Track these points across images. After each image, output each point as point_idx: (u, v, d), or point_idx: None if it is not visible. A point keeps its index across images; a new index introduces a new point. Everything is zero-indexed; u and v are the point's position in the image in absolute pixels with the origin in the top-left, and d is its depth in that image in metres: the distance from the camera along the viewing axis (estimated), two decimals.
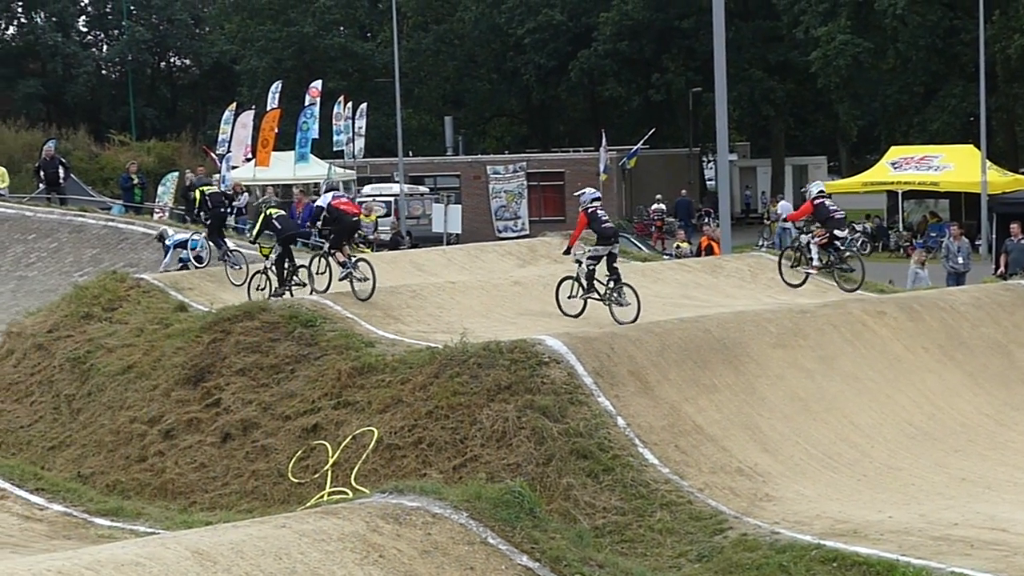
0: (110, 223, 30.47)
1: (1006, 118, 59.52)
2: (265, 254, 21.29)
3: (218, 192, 24.61)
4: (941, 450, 14.96)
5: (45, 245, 30.07)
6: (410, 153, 61.07)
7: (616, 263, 19.18)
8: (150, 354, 18.64)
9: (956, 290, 20.69)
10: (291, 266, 20.80)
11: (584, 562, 11.26)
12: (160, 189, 41.18)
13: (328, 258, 20.14)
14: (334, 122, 49.61)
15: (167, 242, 26.11)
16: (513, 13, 69.15)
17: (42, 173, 34.26)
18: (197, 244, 24.77)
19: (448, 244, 40.04)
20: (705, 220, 51.53)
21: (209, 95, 78.91)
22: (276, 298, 20.04)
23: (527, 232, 54.74)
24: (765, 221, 53.88)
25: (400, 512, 11.25)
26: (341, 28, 76.11)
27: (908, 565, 11.09)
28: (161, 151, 61.02)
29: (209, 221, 23.42)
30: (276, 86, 45.51)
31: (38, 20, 77.10)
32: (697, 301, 20.51)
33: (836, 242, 20.39)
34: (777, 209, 47.80)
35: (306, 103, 43.12)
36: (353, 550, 10.66)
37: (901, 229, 50.53)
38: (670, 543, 12.71)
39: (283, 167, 44.74)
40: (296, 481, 15.71)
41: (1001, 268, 29.53)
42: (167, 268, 25.25)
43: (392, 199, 51.37)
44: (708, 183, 73.33)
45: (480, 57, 73.03)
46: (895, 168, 51.27)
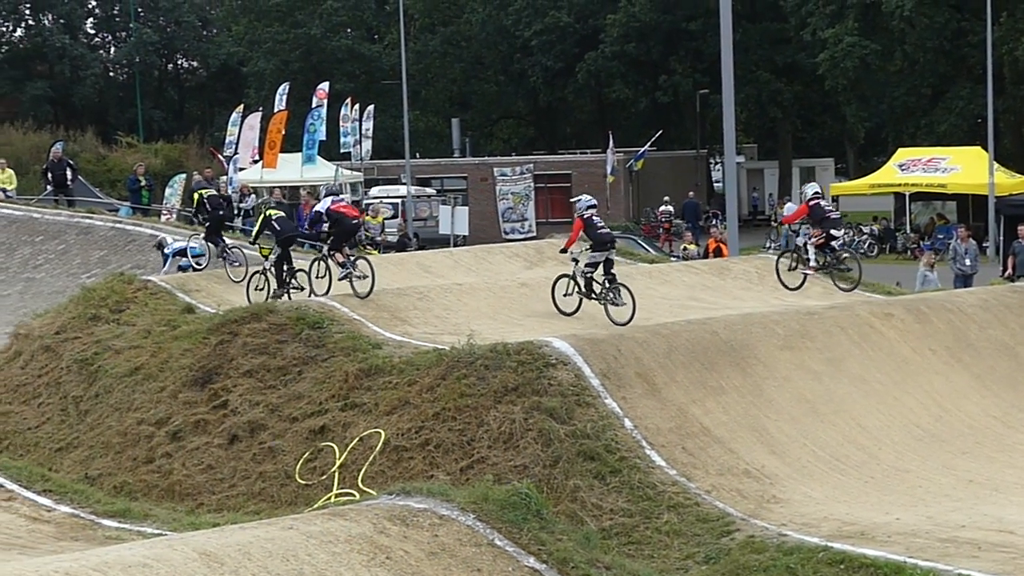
0: (117, 225, 30.46)
1: (1014, 120, 59.42)
2: (265, 255, 21.36)
3: (216, 195, 24.86)
4: (948, 452, 14.94)
5: (53, 247, 30.08)
6: (417, 155, 61.03)
7: (613, 268, 19.24)
8: (157, 356, 18.66)
9: (963, 292, 20.65)
10: (290, 268, 20.85)
11: (591, 564, 11.26)
12: (167, 191, 41.17)
13: (327, 261, 20.19)
14: (341, 124, 49.56)
15: (166, 250, 26.16)
16: (520, 15, 69.13)
17: (50, 175, 34.37)
18: (196, 251, 24.86)
19: (455, 246, 40.01)
20: (712, 222, 51.41)
21: (216, 97, 79.01)
22: (275, 299, 20.09)
23: (534, 234, 54.75)
24: (772, 223, 53.82)
25: (407, 514, 11.26)
26: (348, 30, 76.09)
27: (915, 567, 11.07)
28: (168, 153, 61.07)
29: (208, 223, 23.77)
30: (283, 88, 45.47)
31: (46, 22, 77.22)
32: (704, 303, 20.51)
33: (833, 242, 20.47)
34: (784, 211, 47.74)
35: (313, 105, 43.08)
36: (360, 552, 10.67)
37: (908, 231, 50.48)
38: (677, 545, 12.71)
39: (290, 169, 44.73)
40: (303, 483, 15.71)
41: (1009, 270, 29.46)
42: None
43: (399, 201, 51.26)
44: (715, 185, 73.27)
45: (487, 59, 73.02)
46: (902, 170, 51.22)
